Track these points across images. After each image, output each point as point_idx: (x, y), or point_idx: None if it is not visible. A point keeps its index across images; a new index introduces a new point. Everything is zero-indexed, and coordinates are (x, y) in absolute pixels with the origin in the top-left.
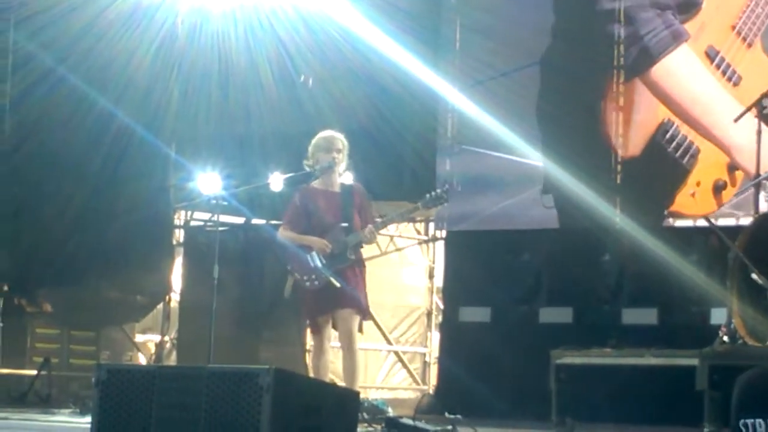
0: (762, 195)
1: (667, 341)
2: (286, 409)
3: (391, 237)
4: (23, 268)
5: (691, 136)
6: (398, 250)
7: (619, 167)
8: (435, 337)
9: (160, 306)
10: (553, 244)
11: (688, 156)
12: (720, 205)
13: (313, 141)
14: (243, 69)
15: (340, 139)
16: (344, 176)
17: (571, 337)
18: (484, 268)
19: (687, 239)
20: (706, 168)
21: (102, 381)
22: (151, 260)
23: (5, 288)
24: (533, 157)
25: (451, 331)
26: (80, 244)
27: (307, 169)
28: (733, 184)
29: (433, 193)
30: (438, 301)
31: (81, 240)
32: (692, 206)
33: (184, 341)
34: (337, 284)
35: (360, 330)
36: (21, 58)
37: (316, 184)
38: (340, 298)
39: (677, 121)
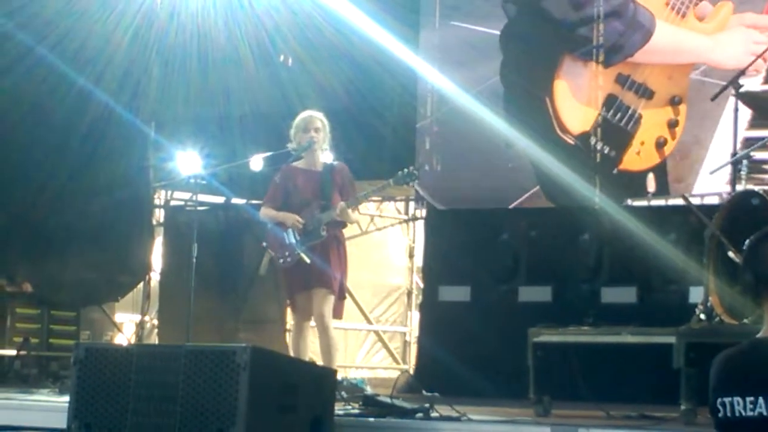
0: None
1: (645, 320)
2: (264, 387)
3: (372, 216)
4: (2, 249)
5: (634, 104)
6: (379, 229)
7: (599, 145)
8: (415, 316)
9: (141, 286)
10: (532, 223)
11: (632, 123)
12: (663, 157)
13: (293, 123)
14: (222, 48)
15: (319, 118)
16: (325, 155)
17: (550, 316)
18: (464, 247)
19: (665, 218)
20: (648, 129)
21: (80, 360)
22: (131, 240)
23: None
24: (510, 135)
25: (431, 310)
26: (60, 224)
27: (292, 152)
28: (673, 138)
29: (405, 170)
30: (418, 281)
31: (60, 220)
32: (638, 162)
33: (164, 321)
34: (307, 260)
35: (338, 315)
36: None
37: (299, 163)
38: (313, 276)
39: (620, 95)
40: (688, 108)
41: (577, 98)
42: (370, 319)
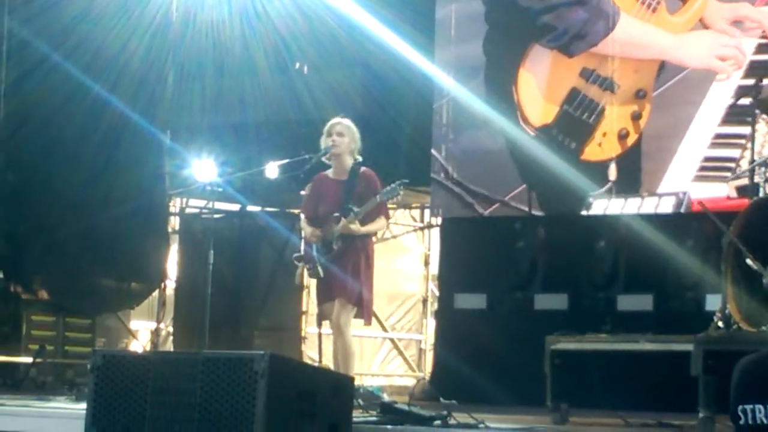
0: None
1: (662, 327)
2: (282, 395)
3: (387, 224)
4: (18, 256)
5: (598, 97)
6: (394, 237)
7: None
8: (430, 324)
9: (156, 293)
10: (548, 230)
11: (594, 115)
12: (624, 148)
13: None
14: (237, 56)
15: (341, 123)
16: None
17: (567, 324)
18: (480, 255)
19: (682, 225)
20: (611, 121)
21: (97, 367)
22: (147, 247)
23: (0, 275)
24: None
25: (447, 317)
26: (75, 231)
27: (325, 161)
28: (636, 132)
29: (389, 187)
30: (434, 288)
31: (76, 227)
32: (600, 153)
33: (179, 328)
34: (321, 274)
35: (365, 321)
36: (15, 45)
37: (329, 171)
38: (333, 288)
39: (583, 89)
40: (662, 102)
41: (540, 91)
42: (386, 327)
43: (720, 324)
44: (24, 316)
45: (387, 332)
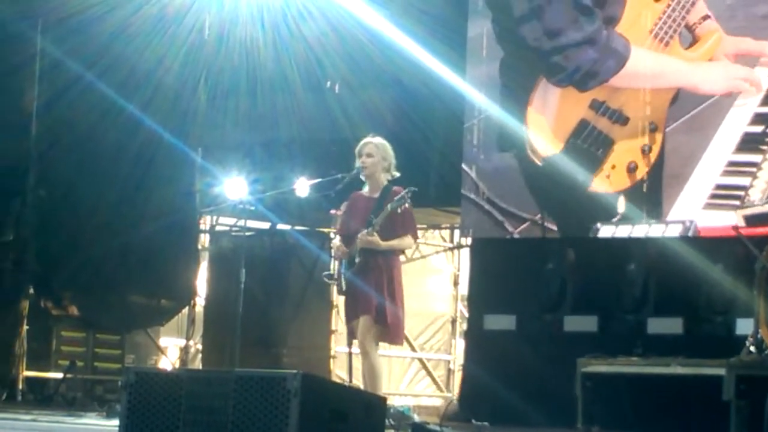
0: None
1: (692, 351)
2: (314, 414)
3: (417, 244)
4: (49, 272)
5: (607, 130)
6: (423, 257)
7: (645, 175)
8: (459, 344)
9: (185, 310)
10: (578, 252)
11: (603, 147)
12: (633, 182)
13: None
14: (270, 74)
15: (372, 144)
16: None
17: (596, 346)
18: (510, 276)
19: (713, 248)
20: (620, 154)
21: (130, 384)
22: (177, 265)
23: (31, 291)
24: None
25: (476, 338)
26: (107, 248)
27: (362, 178)
28: (647, 165)
29: (396, 197)
30: (463, 309)
31: (108, 244)
32: (608, 185)
33: (208, 345)
34: (343, 287)
35: (392, 340)
36: (49, 63)
37: (364, 190)
38: (359, 304)
39: (592, 120)
40: (681, 128)
41: (548, 122)
42: (415, 347)
43: (752, 348)
44: (54, 331)
45: (415, 352)
